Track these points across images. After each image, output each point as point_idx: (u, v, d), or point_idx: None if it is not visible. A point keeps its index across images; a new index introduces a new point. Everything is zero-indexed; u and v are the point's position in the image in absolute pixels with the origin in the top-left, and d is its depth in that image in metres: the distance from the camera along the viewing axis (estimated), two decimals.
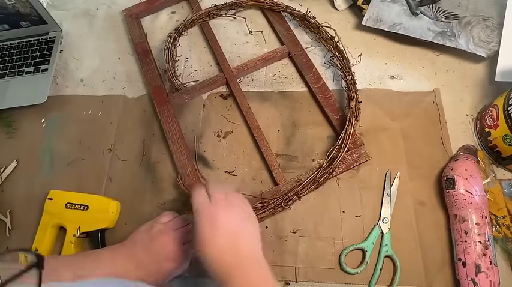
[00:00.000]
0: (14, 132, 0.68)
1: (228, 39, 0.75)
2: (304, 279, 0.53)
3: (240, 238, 0.38)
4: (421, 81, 0.67)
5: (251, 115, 0.64)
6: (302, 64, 0.68)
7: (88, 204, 0.57)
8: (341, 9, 0.76)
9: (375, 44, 0.71)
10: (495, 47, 0.64)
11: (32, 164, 0.65)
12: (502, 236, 0.52)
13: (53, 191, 0.59)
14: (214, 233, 0.37)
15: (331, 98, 0.64)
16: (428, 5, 0.68)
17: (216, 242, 0.37)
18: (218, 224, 0.38)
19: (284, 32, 0.72)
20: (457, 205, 0.51)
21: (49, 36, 0.76)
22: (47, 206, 0.57)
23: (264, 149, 0.60)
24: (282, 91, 0.68)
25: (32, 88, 0.70)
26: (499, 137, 0.55)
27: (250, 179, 0.60)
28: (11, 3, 0.69)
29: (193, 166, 0.60)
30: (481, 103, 0.63)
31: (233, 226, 0.39)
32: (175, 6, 0.81)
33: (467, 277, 0.48)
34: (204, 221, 0.38)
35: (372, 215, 0.56)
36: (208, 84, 0.68)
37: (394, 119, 0.63)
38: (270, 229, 0.56)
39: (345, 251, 0.53)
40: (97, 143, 0.65)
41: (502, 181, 0.56)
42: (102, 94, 0.71)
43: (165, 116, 0.64)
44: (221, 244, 0.37)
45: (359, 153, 0.58)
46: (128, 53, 0.76)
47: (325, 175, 0.56)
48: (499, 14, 0.65)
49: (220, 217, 0.39)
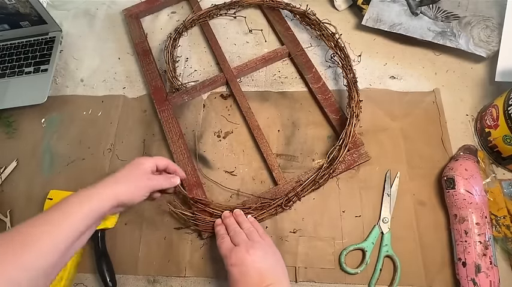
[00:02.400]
0: (14, 132, 0.68)
1: (228, 39, 0.75)
2: (304, 279, 0.53)
3: (265, 275, 0.42)
4: (421, 81, 0.67)
5: (251, 115, 0.64)
6: (302, 64, 0.68)
7: None
8: (341, 9, 0.76)
9: (375, 44, 0.71)
10: (495, 47, 0.64)
11: (32, 164, 0.65)
12: (502, 236, 0.52)
13: (53, 191, 0.59)
14: (243, 274, 0.42)
15: (331, 98, 0.64)
16: (428, 5, 0.68)
17: (247, 280, 0.42)
18: (244, 267, 0.43)
19: (284, 32, 0.72)
20: (457, 205, 0.51)
21: (49, 36, 0.76)
22: (47, 206, 0.58)
23: (264, 149, 0.60)
24: (282, 91, 0.68)
25: (32, 88, 0.70)
26: (499, 137, 0.55)
27: (250, 179, 0.60)
28: (11, 3, 0.69)
29: (193, 165, 0.60)
30: (481, 103, 0.63)
31: (258, 264, 0.43)
32: (175, 6, 0.81)
33: (467, 277, 0.48)
34: (232, 265, 0.43)
35: (372, 215, 0.56)
36: (208, 84, 0.68)
37: (394, 119, 0.63)
38: (270, 229, 0.56)
39: (345, 251, 0.53)
40: (97, 143, 0.65)
41: (502, 181, 0.56)
42: (102, 94, 0.71)
43: (165, 116, 0.64)
44: (251, 283, 0.42)
45: (359, 153, 0.58)
46: (127, 53, 0.76)
47: (326, 176, 0.56)
48: (499, 14, 0.65)
49: (246, 260, 0.43)
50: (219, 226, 0.52)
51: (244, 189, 0.59)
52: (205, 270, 0.54)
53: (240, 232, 0.48)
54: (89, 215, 0.40)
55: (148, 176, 0.48)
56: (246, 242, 0.46)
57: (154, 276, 0.55)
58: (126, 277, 0.55)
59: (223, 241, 0.48)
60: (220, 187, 0.60)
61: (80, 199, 0.41)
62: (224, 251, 0.46)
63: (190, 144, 0.63)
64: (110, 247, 0.56)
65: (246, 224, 0.50)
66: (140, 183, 0.47)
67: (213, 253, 0.55)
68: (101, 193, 0.43)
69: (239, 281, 0.42)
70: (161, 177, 0.51)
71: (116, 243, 0.57)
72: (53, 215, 0.39)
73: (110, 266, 0.54)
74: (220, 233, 0.50)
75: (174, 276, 0.54)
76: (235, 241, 0.47)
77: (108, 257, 0.54)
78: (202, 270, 0.54)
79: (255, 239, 0.47)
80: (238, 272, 0.43)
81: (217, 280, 0.54)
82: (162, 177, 0.51)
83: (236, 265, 0.43)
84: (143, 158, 0.49)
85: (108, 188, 0.44)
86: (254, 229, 0.49)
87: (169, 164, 0.52)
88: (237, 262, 0.43)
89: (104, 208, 0.42)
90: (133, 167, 0.48)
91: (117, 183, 0.45)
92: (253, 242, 0.46)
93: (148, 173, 0.48)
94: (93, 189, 0.43)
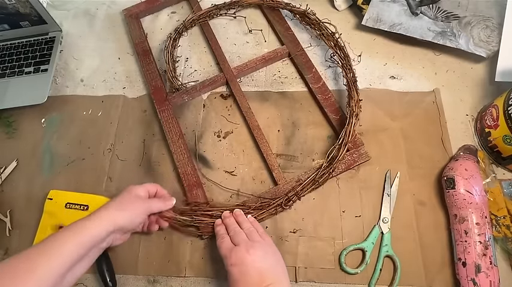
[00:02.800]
0: (14, 132, 0.68)
1: (228, 39, 0.75)
2: (304, 279, 0.53)
3: (265, 275, 0.43)
4: (421, 81, 0.67)
5: (251, 115, 0.64)
6: (302, 64, 0.68)
7: (88, 204, 0.57)
8: (341, 9, 0.76)
9: (375, 44, 0.71)
10: (495, 47, 0.64)
11: (32, 164, 0.65)
12: (502, 236, 0.52)
13: (53, 191, 0.59)
14: (243, 274, 0.43)
15: (331, 98, 0.64)
16: (428, 5, 0.68)
17: (247, 279, 0.42)
18: (244, 266, 0.43)
19: (284, 32, 0.72)
20: (457, 205, 0.51)
21: (49, 36, 0.76)
22: (47, 206, 0.58)
23: (264, 149, 0.60)
24: (282, 91, 0.68)
25: (32, 88, 0.70)
26: (499, 137, 0.55)
27: (250, 179, 0.60)
28: (11, 3, 0.69)
29: (193, 165, 0.60)
30: (481, 103, 0.63)
31: (258, 264, 0.43)
32: (175, 6, 0.81)
33: (467, 277, 0.48)
34: (232, 265, 0.44)
35: (372, 215, 0.56)
36: (208, 84, 0.68)
37: (394, 119, 0.63)
38: (270, 229, 0.56)
39: (345, 251, 0.53)
40: (97, 143, 0.65)
41: (502, 181, 0.56)
42: (102, 94, 0.71)
43: (165, 116, 0.64)
44: (251, 282, 0.42)
45: (359, 153, 0.58)
46: (127, 53, 0.76)
47: (325, 175, 0.56)
48: (499, 14, 0.65)
49: (246, 259, 0.44)
50: (219, 226, 0.52)
51: (244, 189, 0.59)
52: (205, 270, 0.54)
53: (240, 231, 0.49)
54: (82, 243, 0.42)
55: (143, 200, 0.50)
56: (246, 242, 0.46)
57: (154, 276, 0.55)
58: (126, 277, 0.55)
59: (223, 241, 0.48)
60: (220, 187, 0.60)
61: (74, 228, 0.43)
62: (224, 251, 0.46)
63: (190, 144, 0.63)
64: (110, 247, 0.56)
65: (246, 224, 0.50)
66: (136, 205, 0.49)
67: (213, 253, 0.55)
68: (94, 220, 0.44)
69: (239, 281, 0.42)
70: (156, 199, 0.53)
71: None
72: (45, 246, 0.41)
73: (110, 266, 0.54)
74: (220, 233, 0.50)
75: (174, 276, 0.54)
76: (235, 240, 0.47)
77: (108, 257, 0.54)
78: (202, 270, 0.54)
79: (255, 239, 0.47)
80: (238, 272, 0.43)
81: (217, 280, 0.54)
82: (156, 199, 0.53)
83: (236, 265, 0.43)
84: (134, 186, 0.51)
85: (103, 214, 0.46)
86: (254, 229, 0.49)
87: (159, 190, 0.54)
88: (237, 262, 0.43)
89: (100, 235, 0.44)
90: (126, 193, 0.50)
91: (113, 209, 0.47)
92: (254, 242, 0.46)
93: (142, 197, 0.50)
94: (87, 217, 0.45)
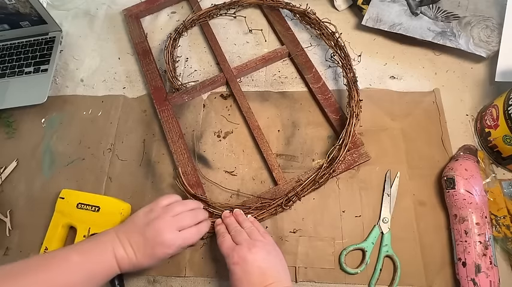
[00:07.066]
0: (14, 132, 0.68)
1: (228, 39, 0.75)
2: (304, 279, 0.53)
3: (268, 274, 0.43)
4: (421, 81, 0.67)
5: (251, 115, 0.64)
6: (302, 64, 0.68)
7: (100, 205, 0.56)
8: (341, 9, 0.76)
9: (375, 44, 0.71)
10: (495, 47, 0.64)
11: (32, 164, 0.65)
12: (502, 236, 0.52)
13: (64, 190, 0.58)
14: (245, 273, 0.42)
15: (331, 98, 0.64)
16: (428, 5, 0.68)
17: (250, 278, 0.42)
18: (247, 265, 0.43)
19: (284, 32, 0.72)
20: (457, 205, 0.51)
21: (49, 36, 0.76)
22: (58, 205, 0.57)
23: (264, 149, 0.60)
24: (282, 91, 0.68)
25: (32, 88, 0.70)
26: (499, 137, 0.55)
27: (250, 179, 0.60)
28: (11, 3, 0.69)
29: (193, 165, 0.60)
30: (481, 103, 0.63)
31: (260, 262, 0.43)
32: (175, 6, 0.81)
33: (467, 277, 0.48)
34: (235, 263, 0.43)
35: (372, 215, 0.56)
36: (208, 84, 0.68)
37: (394, 119, 0.63)
38: (270, 229, 0.56)
39: (345, 251, 0.53)
40: (97, 143, 0.65)
41: (502, 181, 0.56)
42: (102, 94, 0.71)
43: (165, 116, 0.64)
44: (253, 281, 0.42)
45: (359, 153, 0.58)
46: (127, 53, 0.76)
47: (325, 176, 0.56)
48: (499, 14, 0.65)
49: (248, 258, 0.43)
50: (219, 225, 0.52)
51: (244, 189, 0.59)
52: (205, 270, 0.54)
53: (241, 231, 0.48)
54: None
55: (170, 246, 0.47)
56: (248, 241, 0.46)
57: (154, 276, 0.55)
58: (126, 277, 0.54)
59: (224, 240, 0.48)
60: (220, 187, 0.60)
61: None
62: (226, 250, 0.46)
63: (190, 144, 0.63)
64: None
65: (246, 223, 0.50)
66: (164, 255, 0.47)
67: (213, 252, 0.55)
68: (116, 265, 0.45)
69: (242, 280, 0.42)
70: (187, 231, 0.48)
71: None
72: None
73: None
74: (220, 232, 0.50)
75: (174, 276, 0.54)
76: (237, 239, 0.47)
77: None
78: (202, 270, 0.54)
79: (256, 238, 0.47)
80: (240, 271, 0.43)
81: (217, 280, 0.54)
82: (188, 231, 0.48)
83: (238, 264, 0.43)
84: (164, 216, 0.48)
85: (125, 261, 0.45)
86: (255, 228, 0.49)
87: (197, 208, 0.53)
88: (239, 261, 0.43)
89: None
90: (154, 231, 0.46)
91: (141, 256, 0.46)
92: (255, 240, 0.46)
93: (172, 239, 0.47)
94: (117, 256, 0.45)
